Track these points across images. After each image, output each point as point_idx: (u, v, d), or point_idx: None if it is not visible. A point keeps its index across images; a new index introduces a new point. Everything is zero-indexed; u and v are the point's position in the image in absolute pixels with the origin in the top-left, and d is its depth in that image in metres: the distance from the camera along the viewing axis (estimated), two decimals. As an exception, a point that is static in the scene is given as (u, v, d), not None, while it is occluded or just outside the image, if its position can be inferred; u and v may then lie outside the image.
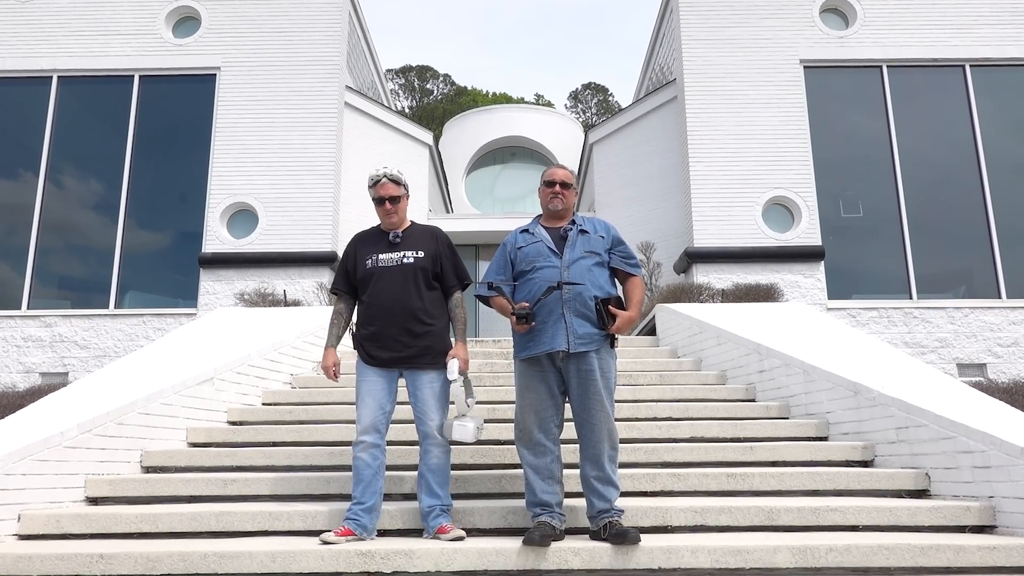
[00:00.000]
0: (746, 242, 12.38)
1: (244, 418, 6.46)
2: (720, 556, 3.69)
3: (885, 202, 12.68)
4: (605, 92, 49.27)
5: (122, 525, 4.32)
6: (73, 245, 12.69)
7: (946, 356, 11.87)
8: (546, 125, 25.95)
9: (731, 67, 13.09)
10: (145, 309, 12.34)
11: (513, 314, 4.00)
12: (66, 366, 12.02)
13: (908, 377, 5.71)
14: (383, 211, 4.41)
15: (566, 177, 4.31)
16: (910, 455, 4.97)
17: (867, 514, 4.26)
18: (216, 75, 13.27)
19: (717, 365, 7.67)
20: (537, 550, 3.72)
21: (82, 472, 4.87)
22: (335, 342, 4.45)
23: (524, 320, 3.95)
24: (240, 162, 12.84)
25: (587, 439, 4.02)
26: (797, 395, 6.31)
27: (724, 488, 4.81)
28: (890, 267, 12.42)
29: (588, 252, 4.15)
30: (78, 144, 13.04)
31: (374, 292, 4.31)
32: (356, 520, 4.03)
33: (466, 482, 4.82)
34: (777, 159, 12.71)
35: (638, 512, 4.24)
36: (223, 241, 12.57)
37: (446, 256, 4.43)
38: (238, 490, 4.89)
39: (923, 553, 3.71)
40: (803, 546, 3.71)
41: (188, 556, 3.71)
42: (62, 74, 13.24)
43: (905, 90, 13.12)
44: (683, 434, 5.77)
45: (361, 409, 4.21)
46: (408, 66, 49.05)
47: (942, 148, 12.89)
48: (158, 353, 6.96)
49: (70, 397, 5.56)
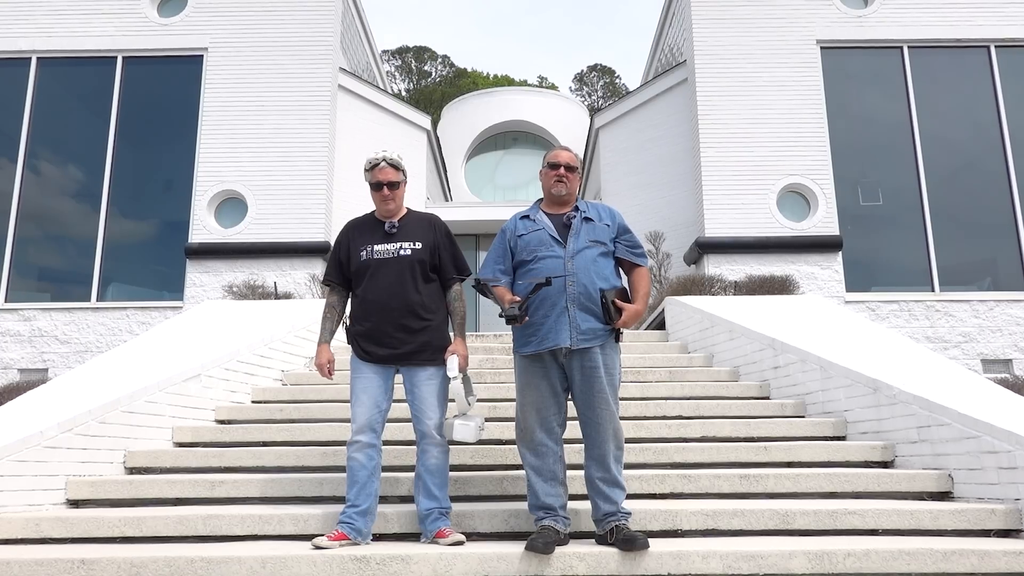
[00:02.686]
0: (760, 231, 12.35)
1: (233, 416, 6.45)
2: (733, 561, 3.69)
3: (906, 190, 12.64)
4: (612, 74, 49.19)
5: (104, 529, 4.30)
6: (53, 235, 12.67)
7: (970, 351, 11.85)
8: (550, 109, 25.92)
9: (744, 48, 13.03)
10: (129, 302, 12.32)
11: (502, 315, 3.94)
12: (46, 362, 12.02)
13: (930, 373, 5.70)
14: (380, 197, 4.38)
15: (571, 160, 4.26)
16: (932, 455, 4.95)
17: (887, 517, 4.25)
18: (203, 56, 13.23)
19: (730, 361, 7.66)
20: (540, 556, 3.71)
21: (62, 473, 4.86)
22: (328, 337, 4.44)
23: (514, 320, 3.90)
24: (229, 148, 12.81)
25: (592, 439, 4.01)
26: (814, 392, 6.29)
27: (737, 490, 4.80)
28: (911, 258, 12.39)
29: (593, 241, 4.11)
30: (58, 129, 13.01)
31: (369, 286, 4.28)
32: (350, 524, 4.02)
33: (466, 484, 4.81)
34: (792, 144, 12.66)
35: (646, 515, 4.24)
36: (211, 230, 12.55)
37: (445, 247, 4.41)
38: (226, 492, 4.88)
39: (946, 558, 3.70)
40: (820, 551, 3.70)
41: (174, 562, 3.70)
42: (41, 55, 13.20)
43: (927, 72, 13.06)
44: (694, 433, 5.76)
45: (356, 407, 4.19)
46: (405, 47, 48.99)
47: (966, 133, 12.84)
48: (142, 348, 6.96)
49: (50, 394, 5.55)
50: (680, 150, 13.69)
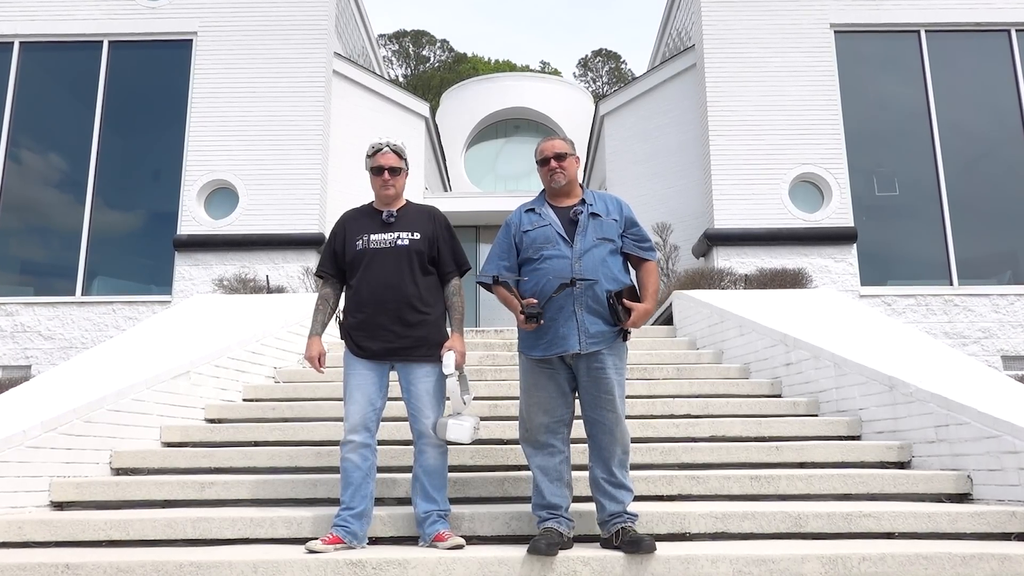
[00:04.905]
0: (771, 223, 12.33)
1: (223, 415, 6.45)
2: (743, 566, 3.68)
3: (923, 179, 12.62)
4: (617, 59, 49.13)
5: (90, 532, 4.30)
6: (36, 226, 12.66)
7: (990, 347, 11.84)
8: (553, 95, 25.86)
9: (755, 32, 13.00)
10: (115, 296, 12.32)
11: (522, 312, 3.94)
12: (29, 358, 12.02)
13: (948, 370, 5.69)
14: (380, 182, 4.36)
15: (559, 147, 4.18)
16: (950, 456, 4.94)
17: (903, 520, 4.24)
18: (193, 40, 13.21)
19: (740, 357, 7.65)
20: (543, 559, 3.70)
21: (46, 474, 4.86)
22: (320, 330, 4.43)
23: (534, 319, 3.91)
24: (219, 136, 12.80)
25: (597, 440, 4.01)
26: (827, 390, 6.29)
27: (747, 492, 4.79)
28: (929, 250, 12.37)
29: (601, 239, 4.08)
30: (42, 116, 12.99)
31: (364, 276, 4.27)
32: (345, 527, 4.02)
33: (465, 485, 4.81)
34: (805, 132, 12.64)
35: (653, 518, 4.23)
36: (200, 222, 12.54)
37: (444, 239, 4.39)
38: (216, 494, 4.88)
39: (965, 563, 3.69)
40: (833, 555, 3.70)
41: (162, 566, 3.70)
42: (24, 39, 13.17)
43: (945, 57, 13.03)
44: (703, 433, 5.76)
45: (349, 405, 4.18)
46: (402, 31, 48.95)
47: (985, 120, 12.81)
48: (129, 344, 6.95)
49: (33, 392, 5.55)
50: (688, 138, 13.67)
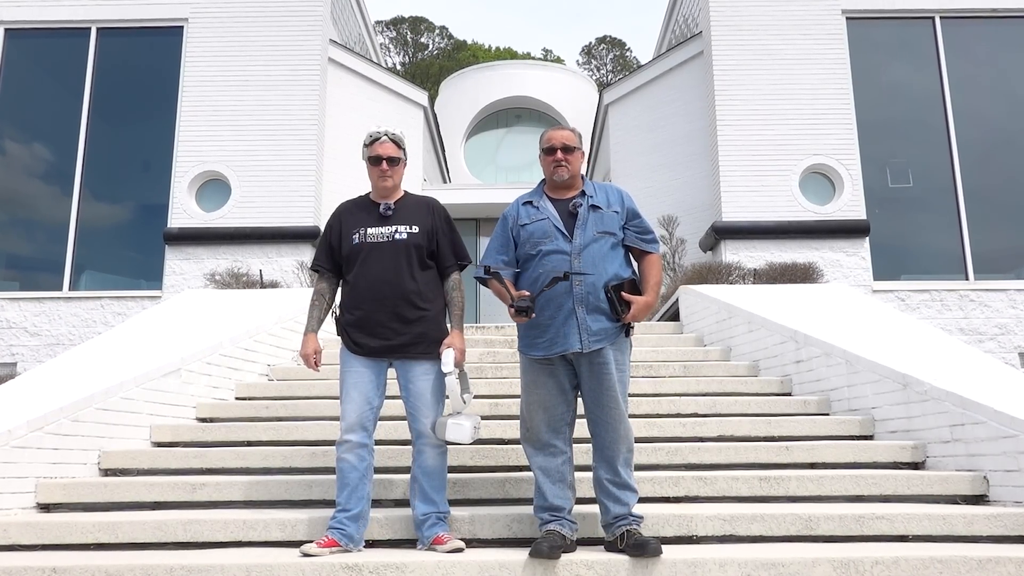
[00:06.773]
0: (781, 216, 12.30)
1: (215, 414, 6.45)
2: (752, 570, 3.68)
3: (938, 171, 12.59)
4: (622, 47, 49.13)
5: (77, 535, 4.31)
6: (21, 219, 12.65)
7: (1007, 344, 11.82)
8: (555, 83, 25.84)
9: (764, 18, 12.96)
10: (103, 291, 12.31)
11: (512, 305, 3.93)
12: (14, 355, 12.02)
13: (964, 368, 5.68)
14: (378, 172, 4.35)
15: (567, 139, 4.18)
16: (966, 456, 4.94)
17: (917, 523, 4.24)
18: (183, 27, 13.18)
19: (748, 355, 7.65)
20: (545, 563, 3.70)
21: (32, 475, 4.86)
22: (316, 326, 4.42)
23: (524, 313, 3.90)
24: (211, 125, 12.77)
25: (601, 439, 4.00)
26: (839, 388, 6.28)
27: (756, 493, 4.79)
28: (944, 244, 12.35)
29: (601, 233, 4.06)
30: (28, 105, 12.97)
31: (361, 271, 4.26)
32: (341, 529, 4.02)
33: (465, 486, 4.81)
34: (816, 122, 12.61)
35: (659, 520, 4.23)
36: (191, 215, 12.53)
37: (443, 232, 4.39)
38: (208, 495, 4.89)
39: (981, 567, 3.69)
40: (845, 559, 3.70)
41: (152, 570, 3.70)
42: (9, 26, 13.15)
43: (960, 43, 12.99)
44: (710, 432, 5.76)
45: (346, 404, 4.18)
46: (400, 17, 48.91)
47: (1002, 109, 12.78)
48: (118, 341, 6.95)
49: (19, 390, 5.55)
50: (695, 128, 13.64)
